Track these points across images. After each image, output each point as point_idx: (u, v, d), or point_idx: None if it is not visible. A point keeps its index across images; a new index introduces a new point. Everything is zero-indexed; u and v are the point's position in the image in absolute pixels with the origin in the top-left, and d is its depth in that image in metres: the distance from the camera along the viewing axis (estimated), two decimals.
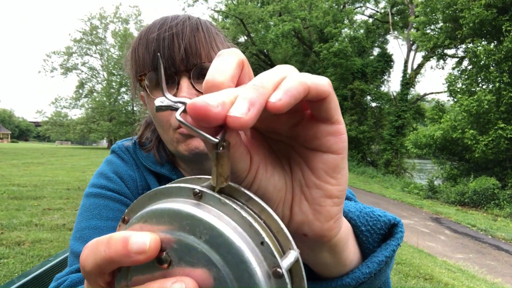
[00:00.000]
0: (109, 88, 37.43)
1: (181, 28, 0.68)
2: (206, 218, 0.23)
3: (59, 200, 6.75)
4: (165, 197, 0.27)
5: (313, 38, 24.07)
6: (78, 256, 0.65)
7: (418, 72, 20.76)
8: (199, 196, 0.25)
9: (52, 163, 15.02)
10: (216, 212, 0.24)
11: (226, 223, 0.23)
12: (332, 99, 0.28)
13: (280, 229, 0.25)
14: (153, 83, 0.70)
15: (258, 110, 0.23)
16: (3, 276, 3.28)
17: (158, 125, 0.73)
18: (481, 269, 5.22)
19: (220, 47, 0.73)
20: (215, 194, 0.25)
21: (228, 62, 0.27)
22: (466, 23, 11.85)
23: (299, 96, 0.24)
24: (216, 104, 0.22)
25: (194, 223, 0.23)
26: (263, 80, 0.25)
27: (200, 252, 0.23)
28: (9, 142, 67.60)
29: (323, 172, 0.31)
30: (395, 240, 0.41)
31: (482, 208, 10.28)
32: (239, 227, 0.24)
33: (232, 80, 0.26)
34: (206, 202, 0.25)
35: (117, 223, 0.72)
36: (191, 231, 0.24)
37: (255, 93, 0.23)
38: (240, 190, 0.27)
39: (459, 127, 11.94)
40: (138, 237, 0.24)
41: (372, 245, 0.42)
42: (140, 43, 0.70)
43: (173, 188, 0.26)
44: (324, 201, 0.31)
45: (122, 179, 0.77)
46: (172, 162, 0.81)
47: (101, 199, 0.74)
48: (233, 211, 0.24)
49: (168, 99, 0.27)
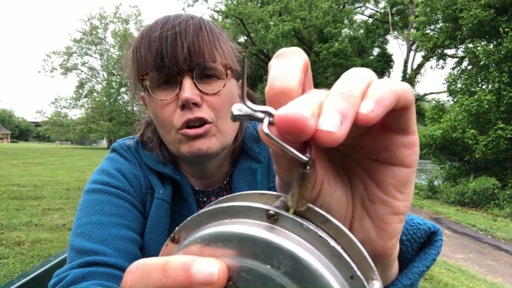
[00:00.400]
0: (109, 88, 37.46)
1: (184, 27, 0.67)
2: (287, 245, 0.20)
3: (59, 200, 6.75)
4: (229, 217, 0.23)
5: (313, 38, 24.07)
6: (79, 252, 0.64)
7: (418, 72, 20.78)
8: (274, 218, 0.21)
9: (52, 163, 15.02)
10: (297, 239, 0.21)
11: (310, 253, 0.20)
12: (414, 107, 0.25)
13: (362, 256, 0.22)
14: (154, 83, 0.69)
15: (350, 124, 0.20)
16: (3, 276, 3.28)
17: (160, 125, 0.72)
18: (481, 269, 5.22)
19: (223, 46, 0.71)
20: (296, 218, 0.21)
21: (295, 64, 0.23)
22: (465, 24, 11.86)
23: (390, 106, 0.22)
24: (310, 116, 0.19)
25: (272, 251, 0.20)
26: (351, 87, 0.22)
27: (278, 285, 0.20)
28: (9, 142, 67.57)
29: (392, 187, 0.28)
30: (434, 249, 0.39)
31: (482, 208, 10.28)
32: (325, 257, 0.20)
33: (300, 85, 0.23)
34: (283, 226, 0.21)
35: (121, 219, 0.70)
36: (267, 260, 0.20)
37: (346, 103, 0.20)
38: (314, 210, 0.23)
39: (459, 127, 11.94)
40: (204, 265, 0.20)
41: (410, 254, 0.40)
42: (142, 42, 0.69)
43: (240, 207, 0.23)
44: (391, 218, 0.28)
45: (125, 176, 0.75)
46: (174, 163, 0.80)
47: (103, 194, 0.72)
48: (318, 239, 0.21)
49: (249, 107, 0.22)
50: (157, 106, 0.69)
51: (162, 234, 0.74)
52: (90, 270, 0.61)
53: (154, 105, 0.70)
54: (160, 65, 0.66)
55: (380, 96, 0.21)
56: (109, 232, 0.66)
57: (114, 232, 0.67)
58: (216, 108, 0.69)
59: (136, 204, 0.74)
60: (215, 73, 0.69)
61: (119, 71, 37.27)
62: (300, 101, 0.20)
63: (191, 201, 0.77)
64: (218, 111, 0.69)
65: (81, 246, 0.64)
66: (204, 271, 0.20)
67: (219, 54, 0.69)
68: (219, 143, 0.70)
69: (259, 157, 0.80)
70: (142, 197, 0.76)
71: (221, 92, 0.69)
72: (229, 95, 0.71)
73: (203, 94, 0.68)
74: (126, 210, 0.72)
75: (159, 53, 0.66)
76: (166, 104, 0.68)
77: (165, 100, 0.68)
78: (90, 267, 0.61)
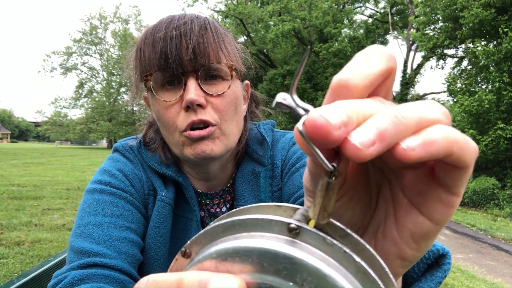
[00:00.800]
0: (108, 88, 37.45)
1: (189, 28, 0.66)
2: (311, 261, 0.19)
3: (59, 200, 6.74)
4: (247, 230, 0.21)
5: (312, 38, 24.07)
6: (79, 253, 0.63)
7: (418, 72, 20.78)
8: (296, 232, 0.20)
9: (52, 163, 15.02)
10: (321, 254, 0.20)
11: (335, 269, 0.19)
12: (470, 172, 0.22)
13: (384, 272, 0.21)
14: (158, 84, 0.68)
15: (383, 149, 0.18)
16: (2, 276, 3.28)
17: (163, 126, 0.70)
18: (481, 269, 5.22)
19: (229, 47, 0.70)
20: (319, 233, 0.20)
21: (374, 63, 0.22)
22: (466, 23, 11.86)
23: (438, 155, 0.19)
24: (339, 125, 0.18)
25: (295, 267, 0.19)
26: (408, 114, 0.20)
27: None
28: (8, 142, 67.56)
29: (409, 233, 0.26)
30: (441, 272, 0.39)
31: (482, 208, 10.28)
32: (350, 274, 0.19)
33: (369, 87, 0.21)
34: (305, 241, 0.20)
35: (123, 221, 0.69)
36: (289, 277, 0.19)
37: (391, 126, 0.19)
38: (333, 224, 0.22)
39: (458, 127, 11.94)
40: (222, 282, 0.19)
41: (416, 273, 0.39)
42: (146, 42, 0.68)
43: (259, 220, 0.21)
44: (394, 260, 0.27)
45: (128, 177, 0.75)
46: (177, 164, 0.79)
47: (105, 195, 0.71)
48: (342, 255, 0.19)
49: (293, 100, 0.22)
50: (160, 107, 0.68)
51: (163, 237, 0.73)
52: (89, 272, 0.60)
53: (158, 106, 0.69)
54: (165, 65, 0.65)
55: (431, 140, 0.19)
56: (109, 233, 0.66)
57: (115, 234, 0.66)
58: (220, 110, 0.68)
59: (138, 206, 0.73)
60: (220, 74, 0.68)
61: (119, 71, 37.26)
62: (339, 106, 0.19)
63: (194, 204, 0.77)
64: (222, 113, 0.68)
65: (81, 247, 0.63)
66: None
67: (224, 55, 0.69)
68: (223, 145, 0.69)
69: (262, 160, 0.79)
70: (144, 199, 0.75)
71: (225, 94, 0.68)
72: (233, 97, 0.70)
73: (207, 95, 0.67)
74: (128, 212, 0.71)
75: (163, 54, 0.65)
76: (170, 105, 0.67)
77: (169, 102, 0.67)
78: (90, 269, 0.60)
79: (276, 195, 0.79)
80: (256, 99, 0.89)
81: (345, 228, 0.21)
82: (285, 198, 0.77)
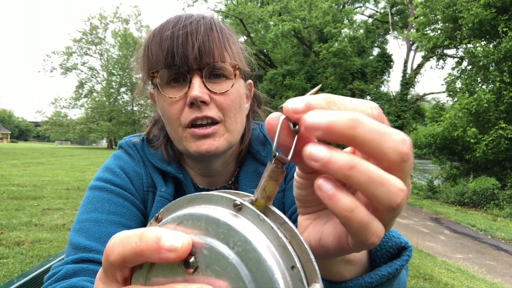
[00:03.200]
0: (108, 88, 37.42)
1: (195, 27, 0.68)
2: (243, 230, 0.23)
3: (59, 200, 6.74)
4: (204, 203, 0.27)
5: (312, 38, 24.06)
6: (75, 248, 0.66)
7: (418, 72, 20.77)
8: (238, 208, 0.25)
9: (52, 163, 15.01)
10: (253, 227, 0.24)
11: (261, 240, 0.23)
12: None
13: (308, 259, 0.25)
14: (164, 81, 0.70)
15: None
16: (2, 276, 3.28)
17: (167, 122, 0.73)
18: (481, 269, 5.22)
19: (233, 47, 0.73)
20: (255, 210, 0.25)
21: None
22: (466, 23, 11.85)
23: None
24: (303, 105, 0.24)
25: (230, 233, 0.23)
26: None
27: (229, 263, 0.23)
28: (8, 142, 67.56)
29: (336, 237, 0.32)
30: (400, 260, 0.43)
31: (482, 208, 10.28)
32: (273, 246, 0.24)
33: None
34: (244, 215, 0.25)
35: (119, 218, 0.72)
36: (225, 240, 0.24)
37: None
38: (276, 213, 0.27)
39: (459, 125, 11.93)
40: (172, 236, 0.24)
41: (380, 259, 0.44)
42: (154, 41, 0.70)
43: (214, 196, 0.27)
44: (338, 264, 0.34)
45: (127, 174, 0.77)
46: (179, 161, 0.81)
47: (104, 192, 0.74)
48: (269, 230, 0.24)
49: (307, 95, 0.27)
50: (165, 103, 0.70)
51: None
52: (82, 267, 0.63)
53: (163, 102, 0.71)
54: (171, 63, 0.67)
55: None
56: (105, 230, 0.69)
57: (110, 231, 0.69)
58: (224, 107, 0.70)
59: (136, 203, 0.76)
60: (224, 73, 0.70)
61: (119, 71, 37.26)
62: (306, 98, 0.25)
63: None
64: (226, 111, 0.70)
65: (78, 242, 0.66)
66: (171, 239, 0.23)
67: (228, 55, 0.71)
68: (227, 142, 0.71)
69: (265, 161, 0.81)
70: (143, 196, 0.78)
71: (229, 92, 0.70)
72: (237, 95, 0.72)
73: (211, 93, 0.69)
74: (125, 209, 0.73)
75: (170, 52, 0.67)
76: (175, 101, 0.69)
77: (174, 98, 0.69)
78: (83, 264, 0.64)
79: (279, 197, 0.80)
80: (258, 98, 0.91)
81: (284, 217, 0.27)
82: (288, 202, 0.78)
